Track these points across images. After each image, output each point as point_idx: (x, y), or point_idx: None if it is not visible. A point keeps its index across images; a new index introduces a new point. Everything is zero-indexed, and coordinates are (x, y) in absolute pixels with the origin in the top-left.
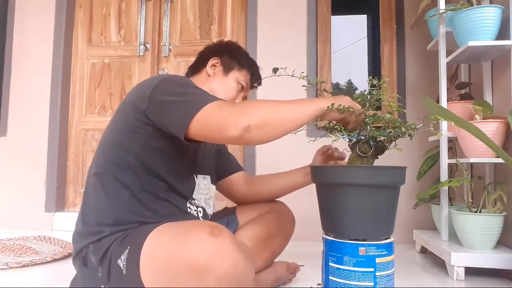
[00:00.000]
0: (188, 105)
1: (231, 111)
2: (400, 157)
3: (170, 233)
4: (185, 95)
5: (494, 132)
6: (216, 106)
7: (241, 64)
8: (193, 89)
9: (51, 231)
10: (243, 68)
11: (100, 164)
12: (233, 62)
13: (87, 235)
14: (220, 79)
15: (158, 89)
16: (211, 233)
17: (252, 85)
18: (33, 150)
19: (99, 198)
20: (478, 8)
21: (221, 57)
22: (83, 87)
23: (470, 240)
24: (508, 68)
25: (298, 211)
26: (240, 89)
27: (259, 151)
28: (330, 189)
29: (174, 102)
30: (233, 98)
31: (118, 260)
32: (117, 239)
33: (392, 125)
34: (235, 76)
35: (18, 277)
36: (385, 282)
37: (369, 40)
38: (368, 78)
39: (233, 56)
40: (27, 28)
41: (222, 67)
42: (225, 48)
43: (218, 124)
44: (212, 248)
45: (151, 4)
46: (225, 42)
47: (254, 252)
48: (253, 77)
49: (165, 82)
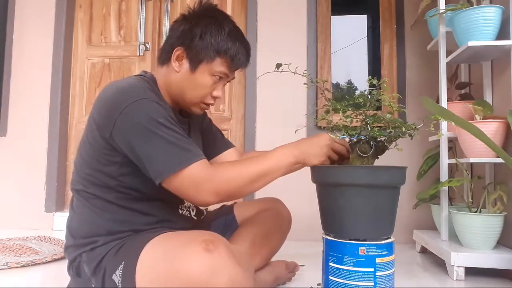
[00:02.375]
0: (164, 162)
1: (205, 187)
2: (400, 157)
3: (165, 248)
4: (157, 144)
5: (494, 132)
6: (192, 176)
7: (213, 52)
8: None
9: (51, 231)
10: (218, 56)
11: (81, 182)
12: (202, 52)
13: (79, 246)
14: (187, 76)
15: (125, 127)
16: (206, 249)
17: (234, 70)
18: (33, 150)
19: (88, 213)
20: (478, 8)
21: (186, 46)
22: (83, 87)
23: (470, 240)
24: (508, 68)
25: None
26: (216, 80)
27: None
28: (330, 189)
29: (147, 151)
30: (209, 93)
31: (113, 275)
32: (111, 249)
33: (392, 125)
34: (207, 69)
35: (18, 277)
36: (385, 282)
37: (369, 40)
38: (368, 78)
39: (202, 44)
40: (27, 28)
41: (189, 61)
42: (190, 33)
43: (189, 198)
44: (208, 265)
45: (151, 4)
46: (193, 20)
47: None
48: (234, 61)
49: (128, 119)
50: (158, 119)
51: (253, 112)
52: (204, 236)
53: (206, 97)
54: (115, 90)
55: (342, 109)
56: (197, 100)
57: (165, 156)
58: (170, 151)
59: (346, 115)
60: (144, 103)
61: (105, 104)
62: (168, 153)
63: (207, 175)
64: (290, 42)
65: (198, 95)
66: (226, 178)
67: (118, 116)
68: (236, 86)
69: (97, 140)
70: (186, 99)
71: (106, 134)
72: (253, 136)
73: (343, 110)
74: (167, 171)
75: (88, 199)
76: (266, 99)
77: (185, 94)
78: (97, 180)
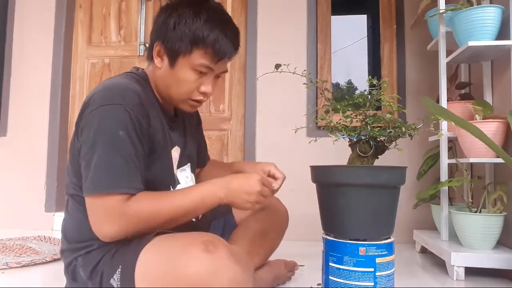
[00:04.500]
0: (91, 179)
1: (115, 221)
2: (400, 157)
3: (163, 250)
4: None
5: (494, 132)
6: (106, 206)
7: (188, 44)
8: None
9: (51, 231)
10: (195, 48)
11: (72, 187)
12: (177, 44)
13: (75, 250)
14: (168, 73)
15: (86, 128)
16: (206, 250)
17: (218, 61)
18: (33, 150)
19: (81, 217)
20: (478, 8)
21: (162, 39)
22: (83, 87)
23: (470, 240)
24: (508, 68)
25: (298, 211)
26: (200, 74)
27: (259, 151)
28: (330, 189)
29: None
30: (194, 89)
31: (111, 279)
32: (107, 253)
33: (392, 125)
34: (187, 63)
35: (18, 277)
36: (385, 282)
37: (369, 40)
38: (368, 78)
39: (176, 35)
40: (27, 28)
41: (167, 55)
42: (165, 25)
43: (95, 224)
44: (209, 267)
45: (151, 4)
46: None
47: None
48: (214, 51)
49: (92, 122)
50: (120, 131)
51: (253, 112)
52: (204, 237)
53: (192, 93)
54: (100, 89)
55: (342, 109)
56: (183, 96)
57: (101, 174)
58: (109, 171)
59: (346, 115)
60: (115, 109)
61: (86, 101)
62: (106, 171)
63: (121, 210)
64: (290, 42)
65: (182, 92)
66: (141, 217)
67: (88, 114)
68: (236, 86)
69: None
70: (172, 96)
71: (78, 143)
72: (253, 136)
73: (343, 110)
74: (88, 190)
75: (81, 203)
76: (266, 99)
77: (170, 91)
78: None
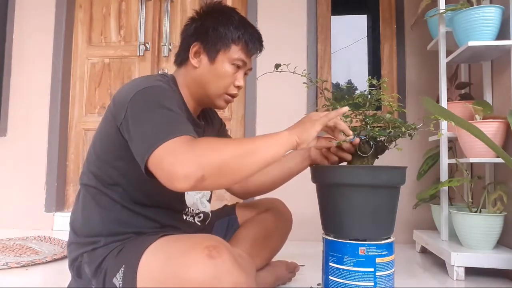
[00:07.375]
0: (149, 138)
1: (185, 156)
2: (400, 157)
3: (166, 253)
4: (149, 122)
5: (494, 132)
6: (172, 148)
7: (228, 40)
8: (159, 114)
9: (51, 231)
10: (233, 43)
11: (89, 177)
12: (217, 42)
13: (81, 244)
14: (208, 69)
15: (130, 109)
16: (209, 256)
17: (251, 56)
18: (33, 150)
19: (91, 210)
20: (478, 8)
21: (201, 40)
22: (83, 87)
23: (470, 240)
24: (508, 68)
25: (298, 211)
26: (236, 69)
27: None
28: (330, 189)
29: (138, 131)
30: (231, 83)
31: (114, 278)
32: (112, 251)
33: (392, 125)
34: (226, 58)
35: (18, 277)
36: (385, 282)
37: (369, 40)
38: (368, 78)
39: (216, 34)
40: (27, 28)
41: (206, 54)
42: (203, 27)
43: (168, 172)
44: (212, 272)
45: (151, 4)
46: (203, 17)
47: (253, 253)
48: (249, 47)
49: (135, 102)
50: (164, 101)
51: (253, 112)
52: (207, 241)
53: (229, 87)
54: (132, 82)
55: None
56: (221, 91)
57: (159, 127)
58: (165, 123)
59: (346, 115)
60: (155, 88)
61: (120, 93)
62: (162, 125)
63: (189, 145)
64: (290, 42)
65: (221, 86)
66: (210, 147)
67: (129, 102)
68: None
69: (110, 132)
70: (210, 93)
71: (118, 122)
72: (253, 136)
73: None
74: (150, 148)
75: (94, 195)
76: (266, 99)
77: (208, 87)
78: (104, 175)
